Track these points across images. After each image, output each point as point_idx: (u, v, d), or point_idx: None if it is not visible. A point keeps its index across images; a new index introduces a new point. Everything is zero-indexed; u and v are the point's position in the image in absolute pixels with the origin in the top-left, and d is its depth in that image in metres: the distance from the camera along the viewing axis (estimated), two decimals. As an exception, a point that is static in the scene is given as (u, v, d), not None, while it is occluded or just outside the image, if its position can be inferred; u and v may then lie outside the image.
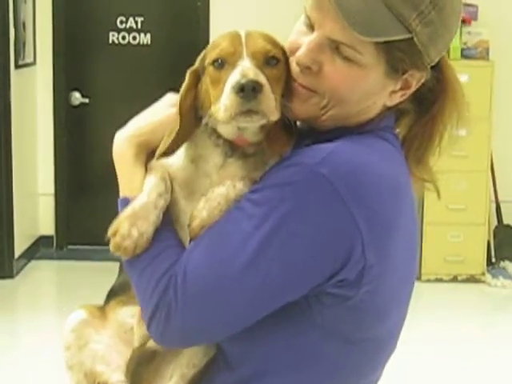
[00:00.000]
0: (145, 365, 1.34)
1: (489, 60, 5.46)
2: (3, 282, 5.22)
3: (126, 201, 1.29)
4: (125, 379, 1.35)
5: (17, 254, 5.38)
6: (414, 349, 4.19)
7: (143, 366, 1.34)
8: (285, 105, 1.28)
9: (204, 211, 1.25)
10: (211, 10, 5.72)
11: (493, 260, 5.62)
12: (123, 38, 5.80)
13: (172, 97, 1.38)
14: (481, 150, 5.37)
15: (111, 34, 5.79)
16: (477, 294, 5.31)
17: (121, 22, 5.78)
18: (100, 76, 5.87)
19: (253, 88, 1.20)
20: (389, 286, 1.28)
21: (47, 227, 5.89)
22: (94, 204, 5.80)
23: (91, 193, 5.92)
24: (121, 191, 1.33)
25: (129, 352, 1.36)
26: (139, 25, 5.79)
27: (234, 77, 1.22)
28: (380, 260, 1.23)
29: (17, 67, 5.34)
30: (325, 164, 1.20)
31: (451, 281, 5.46)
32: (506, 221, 5.66)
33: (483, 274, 5.48)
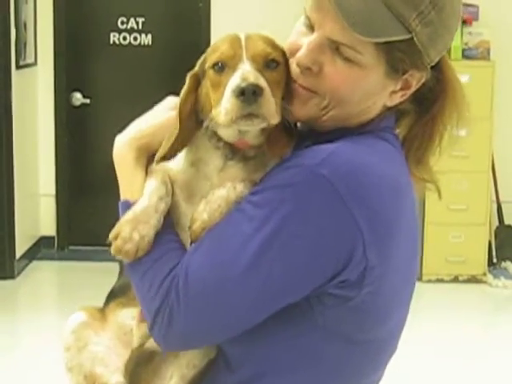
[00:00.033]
0: (143, 365, 1.34)
1: (490, 60, 5.46)
2: (4, 283, 5.22)
3: (127, 204, 1.29)
4: (124, 381, 1.35)
5: (18, 255, 5.38)
6: (415, 349, 4.18)
7: (142, 367, 1.34)
8: (285, 107, 1.28)
9: (205, 213, 1.24)
10: (212, 11, 5.72)
11: (494, 260, 5.62)
12: (124, 39, 5.80)
13: (172, 100, 1.38)
14: (482, 151, 5.37)
15: (112, 35, 5.79)
16: (478, 295, 5.31)
17: (122, 23, 5.78)
18: (101, 76, 5.87)
19: (253, 92, 1.20)
20: (390, 287, 1.28)
21: (48, 228, 5.90)
22: (95, 204, 5.80)
23: (92, 193, 5.92)
24: (121, 194, 1.33)
25: (128, 354, 1.36)
26: (140, 25, 5.79)
27: (235, 80, 1.22)
28: (381, 261, 1.23)
29: (18, 68, 5.34)
30: (325, 165, 1.20)
31: (452, 281, 5.46)
32: (507, 221, 5.66)
33: (484, 275, 5.47)
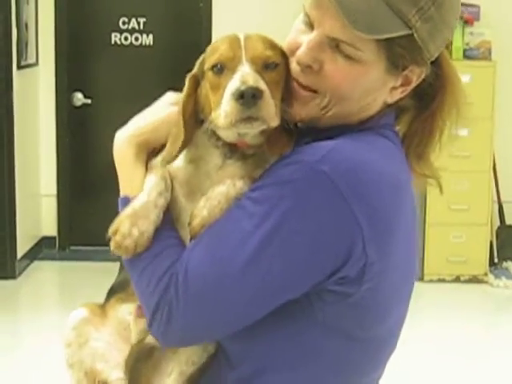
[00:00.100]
0: (143, 361, 1.34)
1: (491, 60, 5.46)
2: (5, 283, 5.22)
3: (127, 200, 1.29)
4: (124, 376, 1.36)
5: (19, 255, 5.38)
6: (417, 349, 4.19)
7: (142, 362, 1.34)
8: (284, 110, 1.27)
9: (204, 210, 1.24)
10: (213, 11, 5.72)
11: (495, 260, 5.62)
12: (125, 39, 5.80)
13: (172, 95, 1.38)
14: (483, 151, 5.37)
15: (113, 35, 5.79)
16: (479, 295, 5.31)
17: (123, 23, 5.79)
18: (102, 77, 5.87)
19: (253, 95, 1.20)
20: (390, 284, 1.28)
21: (49, 228, 5.90)
22: (97, 205, 5.80)
23: (93, 193, 5.93)
24: (121, 190, 1.33)
25: (128, 349, 1.36)
26: (141, 26, 5.79)
27: (234, 83, 1.21)
28: (381, 257, 1.23)
29: (19, 68, 5.35)
30: (325, 161, 1.20)
31: (454, 281, 5.46)
32: (509, 221, 5.66)
33: (486, 275, 5.47)
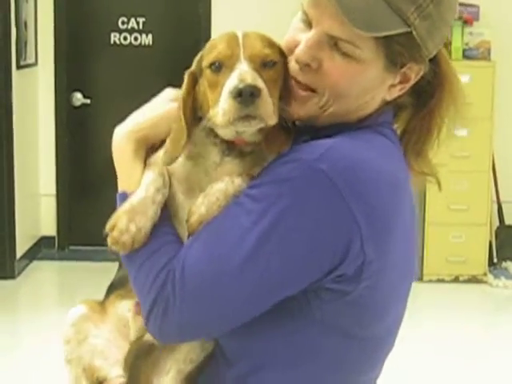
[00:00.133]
0: (143, 358, 1.34)
1: (490, 60, 5.46)
2: (5, 283, 5.22)
3: (125, 196, 1.29)
4: (123, 374, 1.35)
5: (18, 255, 5.38)
6: (416, 349, 4.19)
7: (141, 360, 1.34)
8: (282, 108, 1.27)
9: (202, 207, 1.24)
10: (213, 11, 5.73)
11: (494, 260, 5.62)
12: (125, 39, 5.80)
13: (171, 91, 1.38)
14: (482, 151, 5.37)
15: (113, 35, 5.80)
16: (479, 295, 5.31)
17: (122, 23, 5.79)
18: (101, 77, 5.87)
19: (251, 93, 1.20)
20: (388, 282, 1.28)
21: (49, 228, 5.90)
22: (96, 205, 5.80)
23: (93, 193, 5.93)
24: (119, 186, 1.33)
25: (127, 346, 1.36)
26: (141, 25, 5.79)
27: (232, 81, 1.21)
28: (379, 255, 1.23)
29: (18, 68, 5.35)
30: (323, 160, 1.20)
31: (453, 281, 5.46)
32: (508, 221, 5.66)
33: (485, 275, 5.47)
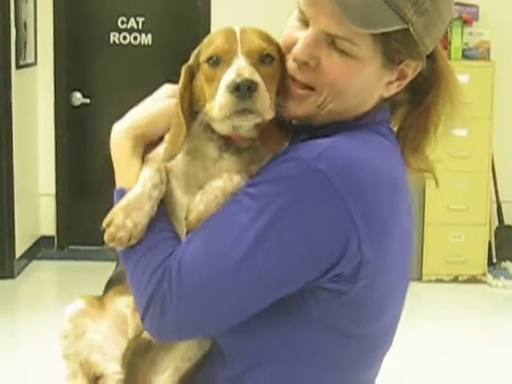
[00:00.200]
0: (141, 355, 1.34)
1: (490, 60, 5.46)
2: (4, 282, 5.22)
3: (122, 192, 1.29)
4: (120, 370, 1.35)
5: (18, 255, 5.38)
6: (415, 349, 4.18)
7: (139, 357, 1.34)
8: (280, 104, 1.27)
9: (201, 204, 1.24)
10: (212, 10, 5.72)
11: (494, 260, 5.62)
12: (124, 39, 5.80)
13: (168, 88, 1.38)
14: (482, 150, 5.37)
15: (112, 35, 5.80)
16: (478, 295, 5.31)
17: (122, 23, 5.79)
18: (101, 76, 5.87)
19: (248, 87, 1.20)
20: (385, 282, 1.28)
21: (48, 227, 5.90)
22: (95, 204, 5.79)
23: (92, 193, 5.92)
24: (117, 182, 1.33)
25: (126, 342, 1.36)
26: (140, 25, 5.79)
27: (229, 75, 1.21)
28: (377, 255, 1.23)
29: (18, 67, 5.35)
30: (322, 159, 1.20)
31: (452, 281, 5.46)
32: (507, 221, 5.66)
33: (484, 275, 5.47)
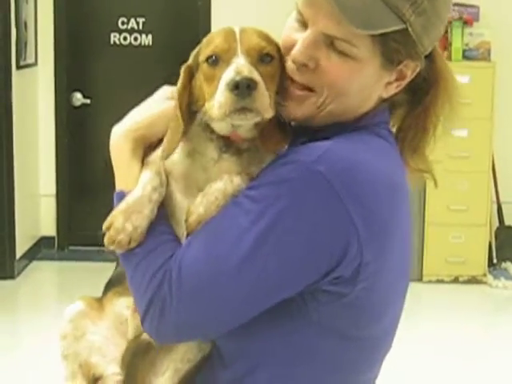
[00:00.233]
0: (140, 357, 1.34)
1: (490, 61, 5.46)
2: (4, 283, 5.22)
3: (122, 195, 1.29)
4: (120, 371, 1.35)
5: (18, 255, 5.38)
6: (415, 349, 4.18)
7: (139, 358, 1.34)
8: (279, 103, 1.28)
9: (201, 206, 1.24)
10: (212, 11, 5.73)
11: (494, 261, 5.61)
12: (125, 39, 5.81)
13: (167, 90, 1.38)
14: (482, 151, 5.37)
15: (113, 35, 5.80)
16: (478, 295, 5.30)
17: (122, 23, 5.79)
18: (101, 77, 5.87)
19: (247, 85, 1.20)
20: (385, 284, 1.28)
21: (48, 228, 5.90)
22: (96, 205, 5.79)
23: (92, 194, 5.92)
24: (117, 185, 1.33)
25: (125, 344, 1.36)
26: (141, 25, 5.79)
27: (229, 74, 1.21)
28: (376, 257, 1.23)
29: (18, 68, 5.35)
30: (321, 162, 1.20)
31: (452, 282, 5.45)
32: (508, 222, 5.65)
33: (485, 275, 5.47)
